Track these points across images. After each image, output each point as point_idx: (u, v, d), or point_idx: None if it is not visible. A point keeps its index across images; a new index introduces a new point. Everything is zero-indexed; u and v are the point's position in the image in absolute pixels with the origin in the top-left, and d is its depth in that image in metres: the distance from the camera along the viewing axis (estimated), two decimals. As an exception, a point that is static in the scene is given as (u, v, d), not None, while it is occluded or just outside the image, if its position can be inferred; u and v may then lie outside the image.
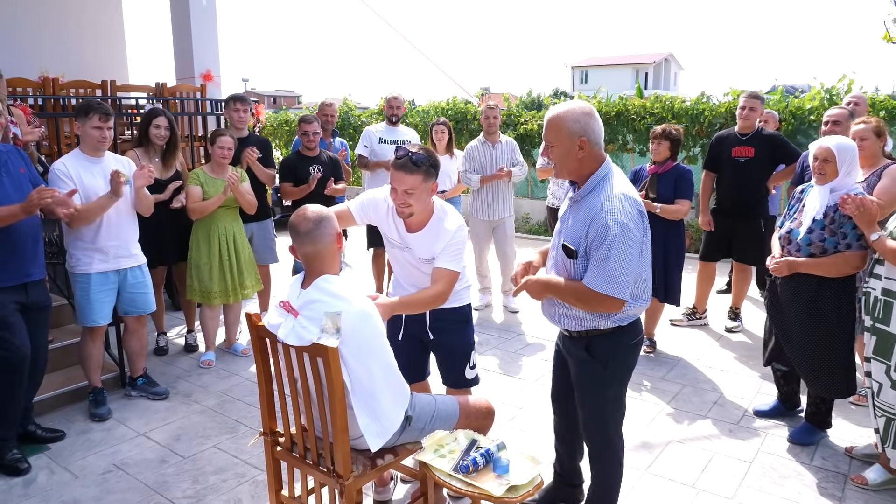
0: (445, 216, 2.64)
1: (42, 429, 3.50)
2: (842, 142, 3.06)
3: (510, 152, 5.59)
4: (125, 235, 3.73)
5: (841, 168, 3.03)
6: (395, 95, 5.74)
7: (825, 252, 3.05)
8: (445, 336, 2.82)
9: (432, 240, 2.62)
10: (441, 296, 2.59)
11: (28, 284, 3.19)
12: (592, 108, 2.25)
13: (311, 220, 2.21)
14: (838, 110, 4.24)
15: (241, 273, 4.51)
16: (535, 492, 2.12)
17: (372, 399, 2.25)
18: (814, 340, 3.15)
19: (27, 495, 3.00)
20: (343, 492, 2.21)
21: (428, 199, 2.58)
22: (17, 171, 3.17)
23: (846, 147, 3.04)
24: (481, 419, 2.58)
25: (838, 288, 3.09)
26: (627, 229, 2.12)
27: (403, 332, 2.86)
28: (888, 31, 5.55)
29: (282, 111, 13.98)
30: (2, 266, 3.07)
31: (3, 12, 7.27)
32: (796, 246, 3.14)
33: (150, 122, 4.23)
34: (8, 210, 3.01)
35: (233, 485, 3.07)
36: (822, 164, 3.07)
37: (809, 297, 3.12)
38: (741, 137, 4.85)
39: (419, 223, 2.64)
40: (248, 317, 2.34)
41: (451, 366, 2.90)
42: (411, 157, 2.47)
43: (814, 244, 3.07)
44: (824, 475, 3.12)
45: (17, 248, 3.12)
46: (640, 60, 48.41)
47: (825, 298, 3.10)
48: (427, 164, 2.48)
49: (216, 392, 4.12)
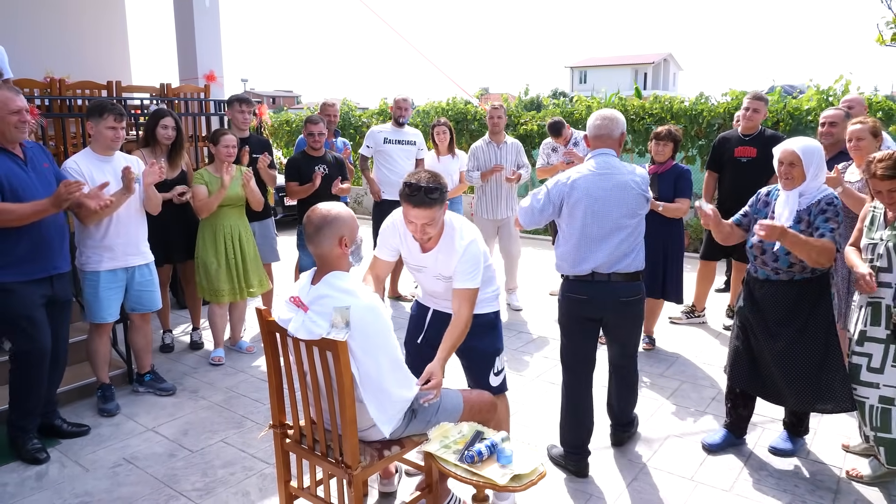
0: (455, 232, 2.64)
1: (68, 423, 3.58)
2: (807, 144, 2.94)
3: (515, 153, 5.65)
4: (134, 233, 3.79)
5: (808, 171, 2.91)
6: (405, 97, 5.82)
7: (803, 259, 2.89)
8: (468, 340, 2.71)
9: (445, 257, 2.65)
10: (469, 319, 2.62)
11: (54, 277, 3.29)
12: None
13: (314, 223, 2.29)
14: (834, 111, 4.31)
15: (247, 272, 4.57)
16: (538, 481, 2.18)
17: (380, 390, 2.32)
18: (805, 351, 2.98)
19: (40, 488, 3.06)
20: (351, 482, 2.28)
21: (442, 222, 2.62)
22: (41, 166, 3.26)
23: (812, 149, 2.92)
24: (485, 412, 2.65)
25: (816, 293, 2.99)
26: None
27: (424, 336, 2.87)
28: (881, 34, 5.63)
29: (282, 112, 14.03)
30: (31, 259, 3.16)
31: (7, 13, 7.32)
32: (773, 256, 2.97)
33: (157, 122, 4.30)
34: (39, 205, 3.10)
35: (241, 478, 3.14)
36: (788, 168, 2.94)
37: (792, 302, 2.99)
38: (744, 138, 4.91)
39: (431, 242, 2.66)
40: (259, 312, 2.40)
41: (475, 371, 2.88)
42: (425, 191, 2.44)
43: (791, 253, 2.91)
44: (820, 468, 3.19)
45: (46, 241, 3.21)
46: (639, 61, 48.47)
47: (806, 304, 2.99)
48: (439, 193, 2.49)
49: (222, 388, 4.18)
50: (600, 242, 2.95)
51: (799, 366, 3.00)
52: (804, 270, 2.96)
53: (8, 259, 3.09)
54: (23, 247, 3.12)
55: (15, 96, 3.08)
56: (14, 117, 3.06)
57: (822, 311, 3.01)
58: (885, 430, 2.85)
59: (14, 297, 3.12)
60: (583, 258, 2.98)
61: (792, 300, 3.00)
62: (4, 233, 3.05)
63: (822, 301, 3.01)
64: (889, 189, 2.78)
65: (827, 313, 3.02)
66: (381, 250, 2.85)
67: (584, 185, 2.98)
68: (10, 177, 3.07)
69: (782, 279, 3.01)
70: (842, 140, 4.35)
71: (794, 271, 2.97)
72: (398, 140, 5.74)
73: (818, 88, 7.35)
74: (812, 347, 2.99)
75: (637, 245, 3.03)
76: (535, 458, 2.25)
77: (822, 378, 2.97)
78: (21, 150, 3.19)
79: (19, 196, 3.07)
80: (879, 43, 5.69)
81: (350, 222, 2.34)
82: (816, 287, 3.00)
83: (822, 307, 3.01)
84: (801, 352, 2.99)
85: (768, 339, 3.06)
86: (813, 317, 2.99)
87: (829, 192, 2.93)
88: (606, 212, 2.96)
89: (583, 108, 8.90)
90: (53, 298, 3.30)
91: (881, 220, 2.92)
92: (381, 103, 11.32)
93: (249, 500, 2.96)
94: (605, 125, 3.06)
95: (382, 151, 5.72)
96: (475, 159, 5.65)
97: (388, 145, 5.71)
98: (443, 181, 2.54)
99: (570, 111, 9.07)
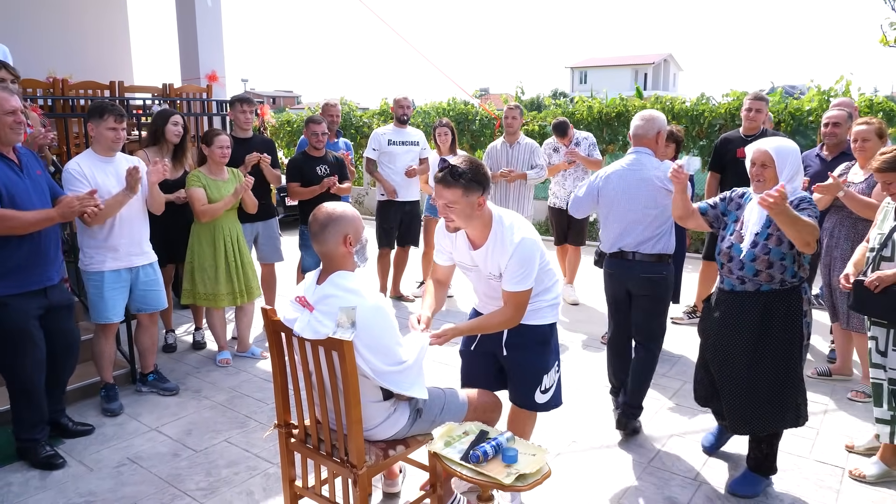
0: (504, 228, 2.51)
1: (74, 422, 3.58)
2: (781, 144, 2.77)
3: (528, 154, 5.67)
4: (137, 233, 3.79)
5: (781, 173, 2.72)
6: (405, 96, 5.86)
7: (771, 266, 2.71)
8: (519, 354, 2.69)
9: (497, 254, 2.51)
10: (510, 320, 2.55)
11: (48, 288, 3.23)
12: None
13: (320, 221, 2.30)
14: (837, 112, 4.32)
15: (246, 274, 4.51)
16: (542, 480, 2.19)
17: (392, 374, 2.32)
18: (766, 369, 2.79)
19: (44, 487, 3.07)
20: (357, 481, 2.29)
21: (476, 212, 2.47)
22: (35, 173, 3.20)
23: (786, 150, 2.75)
24: (489, 412, 2.65)
25: (783, 309, 2.76)
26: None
27: (477, 345, 2.79)
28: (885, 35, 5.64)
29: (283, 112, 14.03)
30: (27, 271, 3.09)
31: (9, 13, 7.33)
32: (738, 264, 2.77)
33: (167, 121, 4.29)
34: (44, 214, 3.06)
35: (245, 477, 3.14)
36: (759, 169, 2.77)
37: (758, 317, 2.78)
38: (746, 139, 4.91)
39: (479, 238, 2.55)
40: (264, 311, 2.41)
41: (520, 385, 2.77)
42: (451, 170, 2.39)
43: (759, 258, 2.72)
44: (822, 468, 3.19)
45: (41, 253, 3.15)
46: (640, 61, 48.46)
47: (775, 320, 2.76)
48: (468, 177, 2.38)
49: (225, 388, 4.19)
50: (627, 227, 3.38)
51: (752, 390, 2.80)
52: (772, 280, 2.74)
53: (3, 270, 3.01)
54: (19, 256, 3.05)
55: (9, 97, 2.99)
56: (9, 118, 2.97)
57: (789, 328, 2.76)
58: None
59: (7, 311, 3.03)
60: (613, 240, 3.44)
61: (757, 314, 2.77)
62: (3, 242, 2.98)
63: (790, 318, 2.76)
64: (885, 181, 2.96)
65: (792, 332, 2.76)
66: (437, 255, 2.81)
67: (615, 179, 3.43)
68: (9, 184, 2.99)
69: (748, 289, 2.79)
70: (845, 141, 4.37)
71: (760, 280, 2.75)
72: (401, 141, 5.78)
73: (819, 89, 7.36)
74: (769, 372, 2.78)
75: (661, 231, 3.37)
76: (540, 458, 2.25)
77: (767, 403, 2.79)
78: (15, 155, 3.12)
79: (16, 203, 2.99)
80: (883, 44, 5.70)
81: (355, 222, 2.34)
82: (784, 301, 2.76)
83: (790, 324, 2.76)
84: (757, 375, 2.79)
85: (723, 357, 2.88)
86: (776, 335, 2.76)
87: (803, 195, 2.72)
88: (631, 202, 3.36)
89: (583, 109, 8.91)
90: (50, 307, 3.24)
91: (892, 213, 3.02)
92: (382, 103, 11.33)
93: (254, 499, 2.97)
94: (641, 126, 3.45)
95: (386, 153, 5.75)
96: (488, 159, 5.75)
97: (392, 147, 5.76)
98: (483, 170, 2.44)
99: (571, 111, 9.08)
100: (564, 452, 3.38)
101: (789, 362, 2.78)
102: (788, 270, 2.74)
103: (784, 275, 2.74)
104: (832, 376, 4.20)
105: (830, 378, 4.20)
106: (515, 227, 2.51)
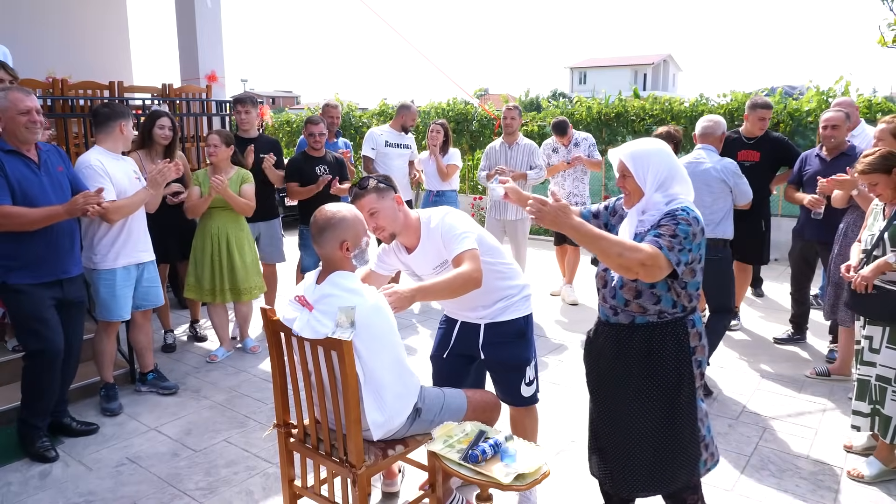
0: (427, 219, 2.65)
1: (77, 421, 3.60)
2: (638, 148, 2.22)
3: (528, 155, 5.68)
4: (143, 231, 3.87)
5: (643, 182, 2.18)
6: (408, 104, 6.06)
7: (639, 295, 2.17)
8: (498, 351, 2.70)
9: (432, 241, 2.62)
10: (471, 274, 2.39)
11: (64, 281, 3.30)
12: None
13: (319, 224, 2.32)
14: (835, 114, 4.32)
15: (232, 275, 4.50)
16: (541, 480, 2.19)
17: (382, 390, 2.33)
18: (650, 419, 2.20)
19: (43, 487, 3.07)
20: (356, 481, 2.29)
21: (399, 214, 2.61)
22: (55, 170, 3.27)
23: (644, 153, 2.20)
24: (488, 411, 2.66)
25: (659, 346, 2.18)
26: None
27: (450, 351, 2.81)
28: (883, 36, 5.64)
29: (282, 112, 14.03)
30: (39, 263, 3.18)
31: (9, 13, 7.33)
32: (612, 291, 2.25)
33: (153, 123, 4.31)
34: (51, 211, 3.12)
35: (244, 477, 3.15)
36: (621, 180, 2.26)
37: (636, 356, 2.20)
38: (747, 141, 4.90)
39: (412, 240, 2.66)
40: (263, 311, 2.41)
41: (505, 382, 2.79)
42: (358, 185, 2.62)
43: (626, 286, 2.19)
44: (821, 468, 3.20)
45: (54, 246, 3.23)
46: (639, 61, 48.48)
47: (657, 360, 2.18)
48: (374, 183, 2.58)
49: (225, 388, 4.19)
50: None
51: (626, 443, 2.26)
52: (645, 312, 2.19)
53: (19, 262, 3.13)
54: (34, 250, 3.15)
55: (25, 96, 3.09)
56: (24, 117, 3.06)
57: (675, 370, 2.17)
58: (881, 404, 3.04)
59: (25, 298, 3.15)
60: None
61: (635, 353, 2.21)
62: (16, 236, 3.08)
63: (676, 357, 2.18)
64: (869, 183, 3.09)
65: (679, 374, 2.18)
66: (377, 265, 2.81)
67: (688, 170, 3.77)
68: (22, 181, 3.09)
69: (622, 322, 2.24)
70: (844, 142, 4.37)
71: (632, 311, 2.21)
72: (397, 143, 5.92)
73: (818, 90, 7.37)
74: (654, 422, 2.20)
75: (719, 217, 4.05)
76: (539, 458, 2.25)
77: (655, 462, 2.23)
78: (36, 152, 3.20)
79: (31, 200, 3.09)
80: (881, 44, 5.70)
81: (354, 226, 2.34)
82: (665, 337, 2.18)
83: (676, 365, 2.17)
84: (640, 426, 2.22)
85: (603, 404, 2.35)
86: (660, 379, 2.18)
87: (677, 208, 2.13)
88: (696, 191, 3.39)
89: (583, 109, 8.91)
90: (64, 300, 3.32)
91: (881, 214, 3.14)
92: (381, 104, 11.33)
93: (253, 499, 2.97)
94: (710, 126, 4.21)
95: (382, 153, 5.85)
96: (487, 158, 5.79)
97: (388, 148, 5.87)
98: (385, 177, 2.67)
99: (570, 112, 9.08)
100: (564, 451, 3.38)
101: (676, 410, 2.19)
102: (664, 300, 2.17)
103: (659, 305, 2.18)
104: (831, 376, 4.21)
105: (829, 378, 4.20)
106: (433, 213, 2.67)
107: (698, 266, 2.17)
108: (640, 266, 2.00)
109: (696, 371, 2.23)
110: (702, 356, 2.25)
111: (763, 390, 4.09)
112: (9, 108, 3.05)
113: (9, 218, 3.01)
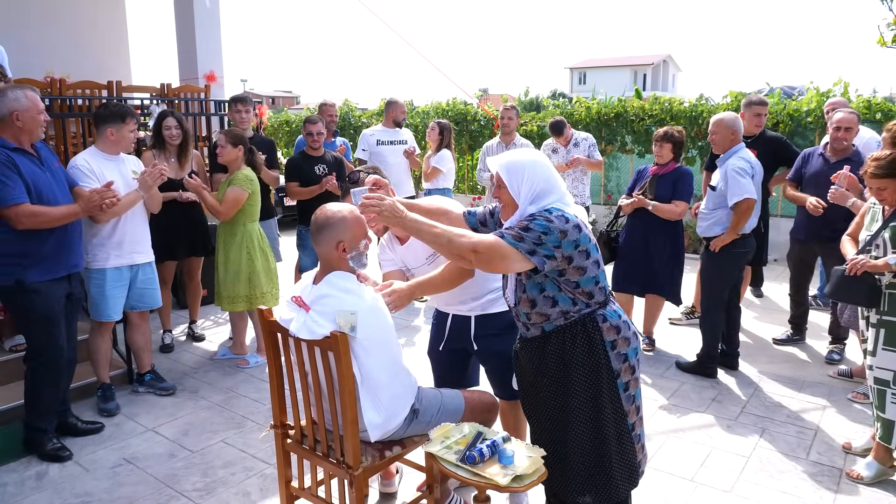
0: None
1: (82, 421, 3.60)
2: (511, 159, 2.15)
3: None
4: (140, 232, 3.85)
5: (518, 193, 2.11)
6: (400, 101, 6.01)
7: (534, 304, 2.16)
8: (490, 344, 2.71)
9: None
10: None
11: (72, 275, 3.36)
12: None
13: (317, 223, 2.32)
14: (848, 115, 4.22)
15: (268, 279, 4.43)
16: (539, 481, 2.18)
17: (379, 391, 2.32)
18: (575, 426, 2.21)
19: (40, 488, 3.06)
20: (353, 482, 2.28)
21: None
22: (53, 166, 3.31)
23: (518, 164, 2.13)
24: (486, 413, 2.64)
25: (583, 344, 2.16)
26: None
27: (444, 345, 2.84)
28: (882, 36, 5.64)
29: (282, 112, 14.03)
30: (55, 258, 3.22)
31: (7, 13, 7.31)
32: (516, 310, 2.28)
33: (160, 125, 4.38)
34: (70, 209, 3.20)
35: (241, 478, 3.14)
36: (497, 192, 2.20)
37: (555, 364, 2.21)
38: (745, 140, 4.89)
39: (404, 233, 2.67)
40: (260, 312, 2.40)
41: (498, 376, 2.79)
42: (348, 178, 2.70)
43: (521, 300, 2.21)
44: (820, 469, 3.19)
45: (68, 241, 3.29)
46: (639, 62, 48.50)
47: (574, 363, 2.18)
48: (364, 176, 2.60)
49: (222, 388, 4.18)
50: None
51: (561, 450, 2.26)
52: (549, 318, 2.18)
53: (35, 259, 3.14)
54: (49, 246, 3.18)
55: (37, 96, 3.17)
56: (41, 116, 3.16)
57: (593, 369, 2.17)
58: (880, 408, 3.04)
59: (40, 298, 3.17)
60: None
61: (551, 360, 2.21)
62: (32, 234, 3.10)
63: (591, 355, 2.16)
64: (877, 187, 3.02)
65: (597, 372, 2.16)
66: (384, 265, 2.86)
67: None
68: (34, 178, 3.11)
69: (534, 334, 2.25)
70: (851, 147, 4.30)
71: (538, 322, 2.21)
72: (390, 141, 5.89)
73: (818, 90, 7.36)
74: (574, 426, 2.21)
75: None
76: (536, 459, 2.24)
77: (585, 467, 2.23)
78: (34, 149, 3.23)
79: (42, 196, 3.12)
80: (880, 44, 5.69)
81: (353, 228, 2.30)
82: (572, 337, 2.17)
83: (592, 363, 2.16)
84: (562, 431, 2.24)
85: (529, 415, 2.41)
86: (578, 382, 2.18)
87: (541, 209, 2.10)
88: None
89: (582, 110, 8.91)
90: (70, 295, 3.36)
91: (879, 214, 3.13)
92: (381, 104, 11.33)
93: (250, 500, 2.96)
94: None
95: (376, 153, 5.83)
96: (484, 158, 5.79)
97: (381, 147, 5.85)
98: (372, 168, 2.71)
99: (570, 112, 9.07)
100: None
101: (600, 404, 2.17)
102: (561, 300, 2.14)
103: (558, 307, 2.15)
104: (853, 378, 4.17)
105: (851, 379, 4.17)
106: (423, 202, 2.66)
107: (587, 262, 2.11)
108: (472, 252, 2.03)
109: (620, 365, 2.19)
110: (626, 349, 2.21)
111: (762, 391, 4.08)
112: (30, 108, 3.10)
113: (34, 217, 3.05)
